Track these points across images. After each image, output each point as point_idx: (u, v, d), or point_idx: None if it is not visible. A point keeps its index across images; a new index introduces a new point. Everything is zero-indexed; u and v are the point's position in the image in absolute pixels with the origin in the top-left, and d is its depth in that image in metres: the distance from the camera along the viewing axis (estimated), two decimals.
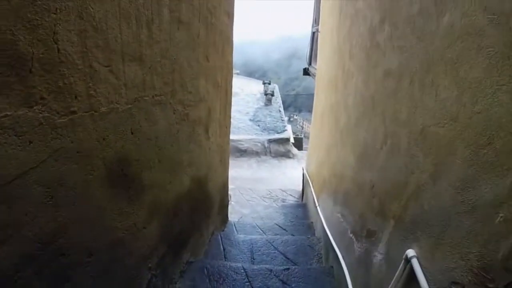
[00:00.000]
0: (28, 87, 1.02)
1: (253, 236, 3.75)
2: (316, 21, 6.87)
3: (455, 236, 1.02)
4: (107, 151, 1.47)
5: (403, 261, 1.30)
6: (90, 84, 1.29)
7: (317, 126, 4.95)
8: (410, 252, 1.26)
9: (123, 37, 1.48)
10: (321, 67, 5.04)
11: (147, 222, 1.95)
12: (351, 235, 2.15)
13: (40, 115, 1.08)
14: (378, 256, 1.64)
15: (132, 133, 1.67)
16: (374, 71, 1.87)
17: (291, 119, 36.31)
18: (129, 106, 1.62)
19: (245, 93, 13.82)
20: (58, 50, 1.11)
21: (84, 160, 1.32)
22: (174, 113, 2.15)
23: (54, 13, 1.08)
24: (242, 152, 9.55)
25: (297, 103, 58.96)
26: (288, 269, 2.77)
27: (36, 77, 1.04)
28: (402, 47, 1.50)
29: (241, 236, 3.72)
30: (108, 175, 1.50)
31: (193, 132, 2.57)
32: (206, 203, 3.27)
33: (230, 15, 3.42)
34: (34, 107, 1.05)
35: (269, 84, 14.44)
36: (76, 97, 1.22)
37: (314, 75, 6.35)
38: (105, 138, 1.44)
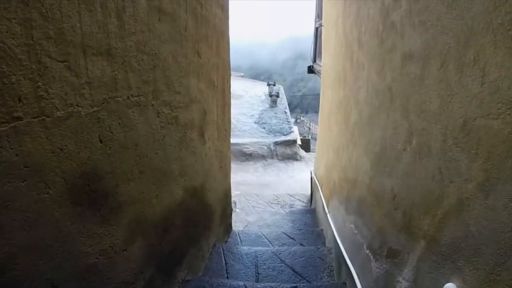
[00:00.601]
0: None
1: (258, 248, 3.45)
2: (319, 15, 6.57)
3: None
4: (67, 164, 1.23)
5: None
6: (40, 83, 1.07)
7: (325, 126, 4.64)
8: (450, 287, 0.96)
9: (83, 27, 1.25)
10: (326, 62, 4.74)
11: (128, 243, 1.68)
12: (367, 251, 1.83)
13: None
14: (403, 283, 1.32)
15: (101, 141, 1.42)
16: (390, 57, 1.56)
17: (298, 121, 36.03)
18: (96, 109, 1.37)
19: (249, 95, 13.57)
20: None
21: (35, 176, 1.10)
22: (158, 116, 1.88)
23: None
24: (248, 156, 9.26)
25: (304, 104, 58.65)
26: (295, 287, 2.46)
27: None
28: (425, 22, 1.20)
29: (245, 248, 3.42)
30: (70, 193, 1.26)
31: (185, 137, 2.28)
32: (204, 214, 2.98)
33: (224, 9, 3.14)
34: None
35: (274, 85, 14.17)
36: (20, 100, 1.01)
37: (319, 72, 6.05)
38: (63, 148, 1.21)
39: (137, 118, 1.66)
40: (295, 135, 10.96)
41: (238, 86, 13.77)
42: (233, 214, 4.38)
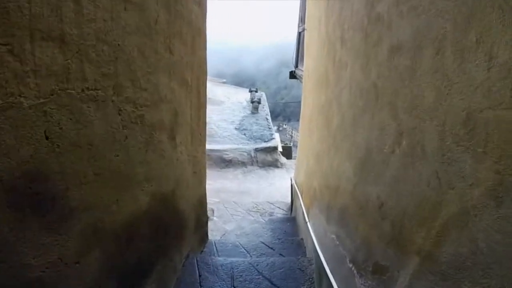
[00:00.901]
0: None
1: (235, 259, 3.25)
2: (302, 19, 6.50)
3: None
4: (3, 161, 1.05)
5: None
6: None
7: (305, 131, 4.52)
8: None
9: (33, 8, 1.08)
10: (308, 65, 4.63)
11: (82, 254, 1.47)
12: (350, 264, 1.68)
13: None
14: None
15: (47, 138, 1.22)
16: (376, 51, 1.43)
17: (281, 128, 36.12)
18: (42, 101, 1.18)
19: (231, 101, 13.38)
20: None
21: None
22: (119, 114, 1.68)
23: None
24: (227, 163, 9.03)
25: (287, 112, 58.88)
26: None
27: None
28: (417, 7, 1.07)
29: (220, 259, 3.22)
30: (7, 196, 1.08)
31: (152, 139, 2.08)
32: (176, 222, 2.77)
33: (201, 5, 2.98)
34: None
35: (256, 91, 14.05)
36: None
37: (301, 78, 5.95)
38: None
39: (93, 115, 1.46)
40: (276, 141, 10.83)
41: (220, 92, 13.58)
42: (210, 223, 4.17)
